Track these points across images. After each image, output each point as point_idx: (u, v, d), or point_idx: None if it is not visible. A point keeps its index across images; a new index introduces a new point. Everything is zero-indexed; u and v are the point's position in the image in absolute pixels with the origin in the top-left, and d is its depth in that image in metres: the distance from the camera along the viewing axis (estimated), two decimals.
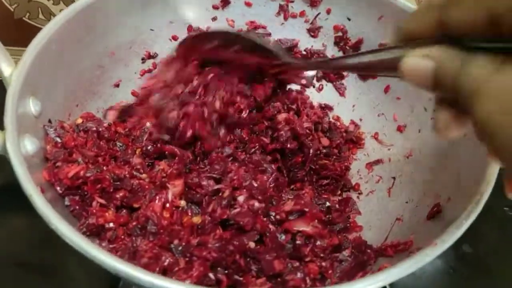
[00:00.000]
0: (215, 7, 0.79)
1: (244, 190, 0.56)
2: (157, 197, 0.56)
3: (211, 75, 0.65)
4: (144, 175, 0.58)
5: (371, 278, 0.40)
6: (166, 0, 0.75)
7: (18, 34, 0.91)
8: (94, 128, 0.64)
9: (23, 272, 0.65)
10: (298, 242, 0.53)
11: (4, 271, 0.64)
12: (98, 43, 0.68)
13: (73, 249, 0.42)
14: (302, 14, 0.80)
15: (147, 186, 0.57)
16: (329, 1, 0.77)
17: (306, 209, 0.54)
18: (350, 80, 0.80)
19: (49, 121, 0.59)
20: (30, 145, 0.52)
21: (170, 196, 0.56)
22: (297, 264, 0.51)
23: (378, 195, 0.68)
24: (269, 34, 0.80)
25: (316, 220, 0.54)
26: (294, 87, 0.74)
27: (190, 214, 0.56)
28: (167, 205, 0.56)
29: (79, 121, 0.65)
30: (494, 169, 0.51)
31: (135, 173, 0.58)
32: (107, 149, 0.61)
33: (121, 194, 0.55)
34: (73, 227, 0.43)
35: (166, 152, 0.63)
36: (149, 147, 0.63)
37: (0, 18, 0.90)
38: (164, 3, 0.75)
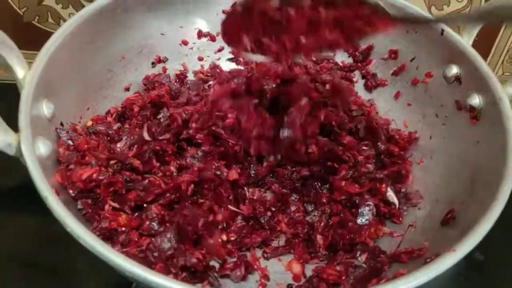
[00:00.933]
0: (225, 12, 0.79)
1: None
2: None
3: None
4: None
5: (391, 284, 0.39)
6: (176, 5, 0.76)
7: (27, 38, 0.91)
8: (104, 131, 0.64)
9: (32, 272, 0.64)
10: None
11: (13, 271, 0.64)
12: (109, 47, 0.69)
13: (83, 250, 0.41)
14: None
15: (157, 182, 0.57)
16: None
17: None
18: (359, 86, 0.80)
19: (61, 124, 0.59)
20: (43, 147, 0.51)
21: None
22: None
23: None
24: None
25: None
26: None
27: None
28: None
29: (89, 123, 0.65)
30: (509, 175, 0.50)
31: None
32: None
33: (133, 194, 0.55)
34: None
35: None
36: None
37: (9, 21, 0.90)
38: (174, 8, 0.76)
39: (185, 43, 0.79)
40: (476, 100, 0.62)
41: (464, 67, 0.65)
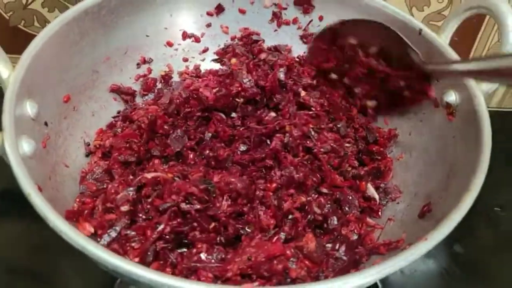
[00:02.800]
0: (209, 14, 0.80)
1: None
2: None
3: None
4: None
5: (364, 272, 0.41)
6: (161, 6, 0.77)
7: (13, 42, 0.92)
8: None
9: (18, 278, 0.65)
10: None
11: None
12: (93, 48, 0.69)
13: (69, 254, 0.41)
14: (295, 21, 0.81)
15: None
16: (321, 8, 0.79)
17: None
18: None
19: (45, 123, 0.59)
20: (27, 146, 0.52)
21: None
22: None
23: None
24: (263, 41, 0.81)
25: None
26: None
27: None
28: None
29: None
30: (481, 169, 0.52)
31: None
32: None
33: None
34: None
35: None
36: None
37: None
38: (159, 9, 0.77)
39: (170, 44, 0.80)
40: (452, 97, 0.64)
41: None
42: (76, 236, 0.42)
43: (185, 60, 0.81)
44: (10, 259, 0.66)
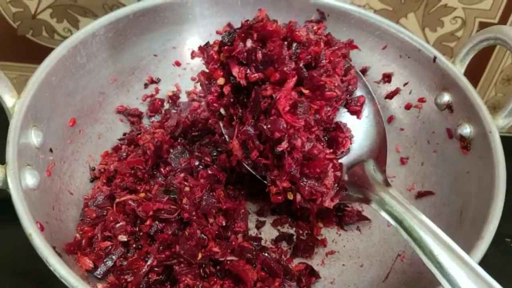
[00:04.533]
0: (218, 33, 0.79)
1: None
2: None
3: None
4: None
5: None
6: (169, 25, 0.75)
7: (21, 51, 0.92)
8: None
9: (22, 282, 0.65)
10: None
11: (3, 281, 0.65)
12: (100, 70, 0.69)
13: None
14: None
15: None
16: (333, 28, 0.77)
17: None
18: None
19: (50, 150, 0.59)
20: (30, 178, 0.52)
21: None
22: None
23: (379, 228, 0.67)
24: None
25: None
26: None
27: None
28: None
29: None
30: (495, 215, 0.50)
31: None
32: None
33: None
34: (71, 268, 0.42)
35: None
36: None
37: (3, 34, 0.90)
38: (167, 29, 0.75)
39: (178, 64, 0.79)
40: (467, 130, 0.62)
41: (456, 96, 0.65)
42: (76, 282, 0.41)
43: (193, 79, 0.80)
44: (14, 264, 0.66)
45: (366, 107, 0.60)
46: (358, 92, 0.60)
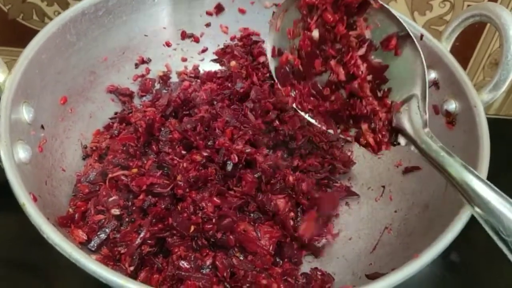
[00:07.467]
0: (208, 13, 0.79)
1: None
2: None
3: None
4: None
5: None
6: (159, 5, 0.76)
7: (12, 35, 0.91)
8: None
9: (14, 272, 0.65)
10: None
11: None
12: (90, 49, 0.69)
13: None
14: None
15: None
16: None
17: None
18: None
19: (42, 127, 0.59)
20: (22, 152, 0.52)
21: None
22: None
23: (367, 203, 0.69)
24: (263, 41, 0.81)
25: None
26: None
27: None
28: None
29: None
30: (482, 176, 0.51)
31: None
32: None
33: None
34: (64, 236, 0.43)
35: None
36: None
37: None
38: (158, 9, 0.76)
39: (168, 44, 0.79)
40: (452, 105, 0.63)
41: (442, 73, 0.66)
42: (70, 249, 0.42)
43: (184, 60, 0.81)
44: (7, 252, 0.67)
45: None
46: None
